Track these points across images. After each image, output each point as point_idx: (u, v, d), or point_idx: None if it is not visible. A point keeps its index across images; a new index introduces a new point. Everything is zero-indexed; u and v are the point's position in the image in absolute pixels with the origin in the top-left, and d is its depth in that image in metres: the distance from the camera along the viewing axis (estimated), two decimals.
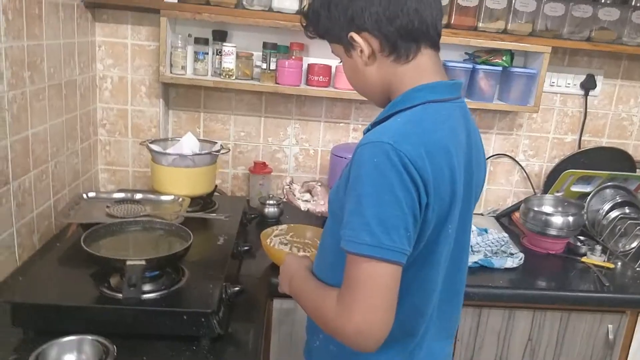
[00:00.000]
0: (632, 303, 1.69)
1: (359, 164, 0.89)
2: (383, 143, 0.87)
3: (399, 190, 0.86)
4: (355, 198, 0.88)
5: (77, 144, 1.83)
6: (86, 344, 1.07)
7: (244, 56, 1.96)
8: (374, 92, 1.05)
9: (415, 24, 0.96)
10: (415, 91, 0.98)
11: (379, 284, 0.88)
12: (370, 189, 0.87)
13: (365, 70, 1.01)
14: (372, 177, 0.87)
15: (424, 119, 0.95)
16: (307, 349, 1.20)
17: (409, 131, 0.91)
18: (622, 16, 1.98)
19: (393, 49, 0.98)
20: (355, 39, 0.97)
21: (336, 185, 1.02)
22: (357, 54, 1.00)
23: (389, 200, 0.86)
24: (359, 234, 0.87)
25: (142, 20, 1.96)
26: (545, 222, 1.87)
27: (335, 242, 0.96)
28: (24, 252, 1.49)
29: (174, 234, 1.36)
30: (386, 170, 0.86)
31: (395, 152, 0.86)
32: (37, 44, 1.50)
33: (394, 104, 0.99)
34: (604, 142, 2.28)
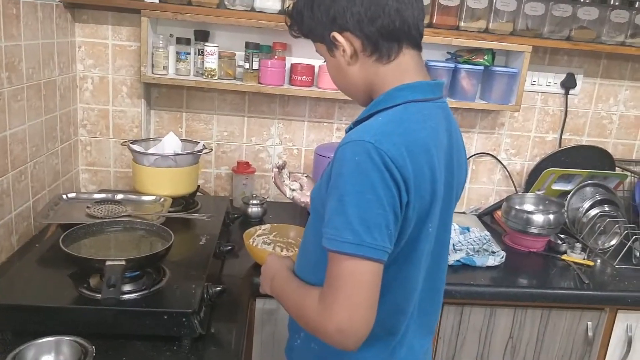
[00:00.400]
0: (611, 300, 1.71)
1: (340, 163, 0.90)
2: (364, 142, 0.88)
3: (380, 188, 0.87)
4: (337, 197, 0.89)
5: (57, 145, 1.82)
6: (64, 344, 1.06)
7: (226, 56, 1.96)
8: (357, 91, 1.06)
9: (397, 24, 0.97)
10: (397, 90, 0.99)
11: (360, 281, 0.88)
12: (352, 188, 0.87)
13: (347, 70, 1.02)
14: (354, 176, 0.88)
15: (405, 119, 0.95)
16: (289, 347, 1.20)
17: (390, 130, 0.92)
18: (601, 15, 2.01)
19: (375, 49, 0.98)
20: (338, 39, 0.98)
21: (318, 183, 1.03)
22: (339, 54, 1.01)
23: (370, 199, 0.87)
24: (342, 233, 0.87)
25: (123, 20, 1.95)
26: (527, 221, 1.88)
27: (317, 240, 0.96)
28: (2, 253, 1.47)
29: (155, 234, 1.36)
30: (368, 169, 0.87)
31: (377, 150, 0.87)
32: (15, 45, 1.48)
33: (376, 103, 1.00)
34: (584, 140, 2.30)
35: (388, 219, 0.88)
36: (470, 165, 2.28)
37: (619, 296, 1.70)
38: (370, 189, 0.87)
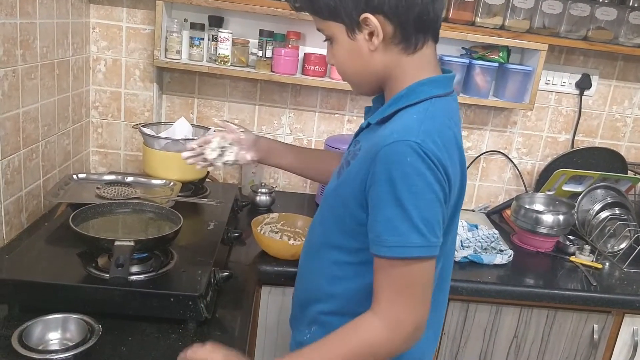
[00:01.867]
0: (618, 303, 1.69)
1: (388, 165, 0.88)
2: (411, 142, 0.87)
3: (436, 186, 0.88)
4: (394, 202, 0.87)
5: (69, 125, 1.82)
6: (71, 322, 1.06)
7: (239, 43, 1.95)
8: (369, 80, 1.03)
9: (431, 14, 0.95)
10: (420, 85, 0.97)
11: (427, 280, 0.92)
12: (410, 189, 0.87)
13: (367, 56, 0.97)
14: (410, 178, 0.87)
15: (437, 115, 0.95)
16: (296, 342, 1.18)
17: (429, 129, 0.90)
18: (620, 16, 1.98)
19: (404, 38, 0.95)
20: (370, 21, 0.93)
21: (336, 182, 1.03)
22: (362, 37, 0.96)
23: (430, 199, 0.88)
24: (408, 238, 0.87)
25: (138, 3, 1.94)
26: (536, 220, 1.87)
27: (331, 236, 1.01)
28: (11, 230, 1.47)
29: (164, 217, 1.36)
30: (422, 168, 0.87)
31: (424, 150, 0.87)
32: (30, 22, 1.48)
33: (398, 98, 0.97)
34: (597, 142, 2.28)
35: (443, 214, 0.92)
36: (480, 163, 2.27)
37: (626, 300, 1.68)
38: (428, 188, 0.88)
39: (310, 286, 1.13)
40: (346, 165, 1.02)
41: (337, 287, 1.06)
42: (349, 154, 1.05)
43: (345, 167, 1.02)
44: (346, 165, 1.02)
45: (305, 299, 1.15)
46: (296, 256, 1.55)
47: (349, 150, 1.06)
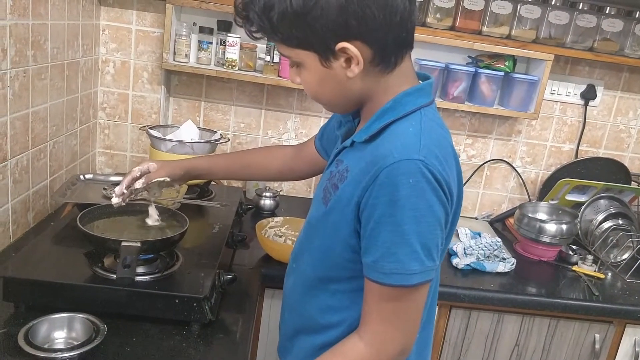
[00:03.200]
0: (619, 314, 1.69)
1: (390, 188, 0.83)
2: (414, 160, 0.82)
3: (437, 208, 0.84)
4: (394, 226, 0.83)
5: (77, 126, 1.83)
6: (77, 321, 1.07)
7: (247, 48, 1.96)
8: (344, 102, 0.96)
9: (409, 29, 0.88)
10: (405, 95, 0.91)
11: (419, 304, 0.90)
12: (411, 214, 0.82)
13: (345, 82, 0.90)
14: (411, 200, 0.82)
15: (431, 128, 0.90)
16: (284, 349, 1.16)
17: (428, 143, 0.86)
18: (626, 28, 2.00)
19: (383, 59, 0.88)
20: (349, 50, 0.85)
21: (328, 207, 0.95)
22: (339, 65, 0.88)
23: (430, 222, 0.84)
24: (407, 265, 0.84)
25: (148, 6, 1.96)
26: (539, 229, 1.88)
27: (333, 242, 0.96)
28: (18, 229, 1.49)
29: (170, 218, 1.37)
30: (424, 190, 0.82)
31: (428, 168, 0.82)
32: (42, 23, 1.50)
33: (383, 111, 0.91)
34: (601, 152, 2.29)
35: (442, 236, 0.88)
36: (484, 171, 2.27)
37: (628, 310, 1.68)
38: (429, 211, 0.83)
39: (302, 318, 1.07)
40: (333, 189, 0.94)
41: (334, 318, 1.01)
42: (333, 176, 0.96)
43: (333, 191, 0.94)
44: (333, 190, 0.94)
45: (296, 331, 1.10)
46: None
47: (331, 172, 0.98)
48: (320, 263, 1.00)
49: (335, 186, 0.94)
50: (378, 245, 0.85)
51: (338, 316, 1.00)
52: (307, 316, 1.05)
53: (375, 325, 0.90)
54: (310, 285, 1.03)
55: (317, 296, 1.02)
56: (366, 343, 0.90)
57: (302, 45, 0.87)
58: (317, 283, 1.02)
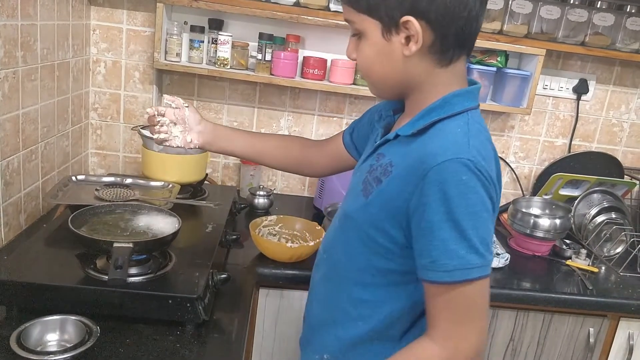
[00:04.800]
0: (613, 307, 1.70)
1: (443, 185, 0.84)
2: (464, 159, 0.84)
3: (488, 203, 0.87)
4: (451, 223, 0.84)
5: (68, 127, 1.82)
6: (69, 323, 1.07)
7: (239, 46, 1.96)
8: (393, 85, 0.97)
9: (472, 29, 0.91)
10: (454, 96, 0.93)
11: (486, 299, 0.90)
12: (466, 210, 0.84)
13: (399, 61, 0.92)
14: (467, 197, 0.84)
15: (477, 130, 0.92)
16: (304, 340, 1.18)
17: (476, 144, 0.88)
18: (617, 22, 2.00)
19: (442, 49, 0.90)
20: (412, 26, 0.87)
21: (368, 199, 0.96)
22: (399, 40, 0.90)
23: (485, 217, 0.86)
24: (468, 260, 0.85)
25: (138, 5, 1.95)
26: (533, 224, 1.88)
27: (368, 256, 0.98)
28: (10, 231, 1.48)
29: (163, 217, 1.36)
30: (477, 187, 0.85)
31: (477, 167, 0.85)
32: (31, 24, 1.49)
33: (431, 109, 0.93)
34: (593, 147, 2.29)
35: (493, 230, 0.91)
36: None
37: (622, 304, 1.69)
38: (482, 207, 0.86)
39: (331, 310, 1.08)
40: (375, 182, 0.95)
41: (366, 311, 1.01)
42: (375, 169, 0.97)
43: (375, 184, 0.95)
44: (376, 183, 0.95)
45: (321, 322, 1.11)
46: (294, 258, 1.56)
47: (371, 165, 0.99)
48: (356, 251, 1.00)
49: (377, 180, 0.95)
50: (435, 244, 0.86)
51: (371, 310, 1.01)
52: (339, 308, 1.05)
53: (445, 326, 0.90)
54: (344, 276, 1.04)
55: (350, 288, 1.03)
56: (438, 344, 0.90)
57: (370, 11, 0.90)
58: (351, 274, 1.02)
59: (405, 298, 0.99)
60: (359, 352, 1.04)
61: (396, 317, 1.00)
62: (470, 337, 0.89)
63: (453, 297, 0.87)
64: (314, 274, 1.16)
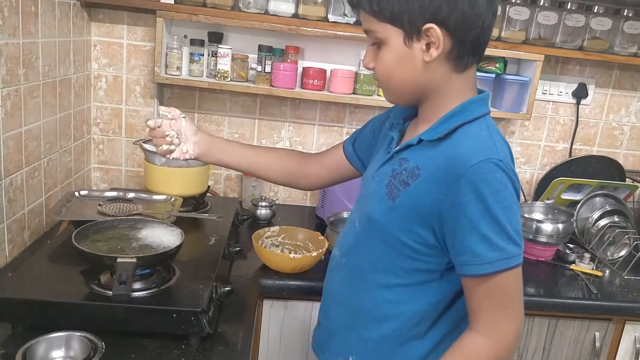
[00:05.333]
0: (618, 311, 1.70)
1: (478, 184, 0.90)
2: (496, 160, 0.91)
3: (517, 200, 0.95)
4: (490, 219, 0.90)
5: (71, 142, 1.83)
6: (74, 340, 1.07)
7: (239, 58, 1.97)
8: (412, 90, 1.01)
9: (486, 38, 0.97)
10: (472, 103, 0.99)
11: (520, 285, 0.96)
12: (501, 205, 0.90)
13: (419, 66, 0.97)
14: (501, 194, 0.91)
15: (498, 133, 0.99)
16: (322, 346, 1.19)
17: (500, 147, 0.96)
18: (614, 26, 2.01)
19: (458, 56, 0.96)
20: (433, 33, 0.93)
21: (396, 202, 1.00)
22: (420, 47, 0.95)
23: (516, 210, 0.93)
24: (508, 250, 0.91)
25: (138, 20, 1.97)
26: (536, 229, 1.88)
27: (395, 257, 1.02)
28: (14, 248, 1.49)
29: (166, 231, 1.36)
30: (507, 184, 0.92)
31: (506, 166, 0.92)
32: (33, 42, 1.50)
33: (452, 115, 0.99)
34: (594, 150, 2.30)
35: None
36: None
37: (627, 307, 1.69)
38: (514, 202, 0.93)
39: (352, 312, 1.11)
40: (402, 186, 0.99)
41: (391, 311, 1.05)
42: (399, 173, 1.01)
43: (402, 187, 0.99)
44: (403, 186, 0.99)
45: (342, 325, 1.13)
46: (297, 269, 1.56)
47: (394, 169, 1.03)
48: (381, 253, 1.04)
49: (404, 183, 0.99)
50: (476, 240, 0.91)
51: (395, 309, 1.05)
52: (362, 310, 1.09)
53: (489, 316, 0.95)
54: (367, 279, 1.07)
55: (373, 290, 1.06)
56: (485, 335, 0.95)
57: (393, 20, 0.95)
58: (375, 276, 1.06)
59: (429, 296, 1.03)
60: (384, 352, 1.07)
61: (420, 316, 1.04)
62: (512, 322, 0.95)
63: (493, 287, 0.93)
64: (328, 281, 1.19)
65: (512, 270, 0.92)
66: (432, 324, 1.04)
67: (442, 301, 1.03)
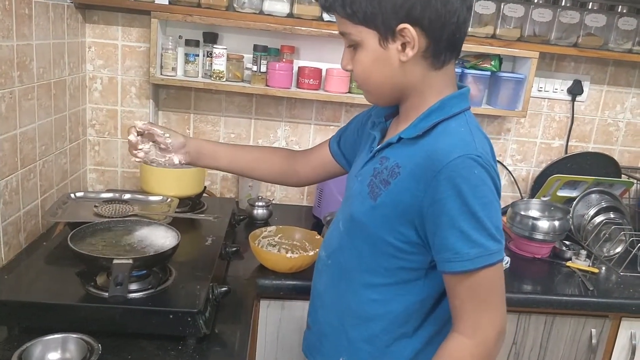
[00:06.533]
0: (615, 307, 1.70)
1: (456, 180, 0.90)
2: (474, 156, 0.91)
3: (496, 194, 0.94)
4: (468, 215, 0.90)
5: (66, 144, 1.83)
6: (70, 342, 1.07)
7: (234, 58, 1.97)
8: (390, 90, 1.01)
9: (461, 34, 0.97)
10: (451, 98, 0.99)
11: (502, 281, 0.96)
12: (481, 201, 0.90)
13: (396, 67, 0.97)
14: (480, 190, 0.90)
15: (477, 128, 0.99)
16: (312, 349, 1.19)
17: (480, 142, 0.95)
18: (609, 22, 2.01)
19: (435, 53, 0.96)
20: (409, 33, 0.92)
21: (377, 201, 1.00)
22: (395, 47, 0.95)
23: (495, 206, 0.93)
24: (488, 246, 0.91)
25: (133, 21, 1.97)
26: (532, 227, 1.88)
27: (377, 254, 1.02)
28: (10, 251, 1.48)
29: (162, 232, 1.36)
30: (486, 179, 0.91)
31: (485, 163, 0.92)
32: (27, 44, 1.50)
33: (431, 111, 0.98)
34: (590, 147, 2.30)
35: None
36: None
37: (623, 304, 1.69)
38: (493, 197, 0.92)
39: (339, 314, 1.11)
40: (383, 185, 0.99)
41: (377, 310, 1.05)
42: (380, 172, 1.01)
43: (383, 187, 0.99)
44: (384, 185, 0.99)
45: (331, 328, 1.13)
46: (294, 269, 1.56)
47: (375, 169, 1.03)
48: (364, 253, 1.05)
49: (385, 182, 0.99)
50: (455, 236, 0.91)
51: (381, 309, 1.05)
52: (349, 311, 1.09)
53: (471, 315, 0.94)
54: (353, 279, 1.07)
55: (359, 290, 1.06)
56: (468, 335, 0.95)
57: (367, 22, 0.95)
58: (360, 276, 1.06)
59: (414, 295, 1.03)
60: (374, 352, 1.07)
61: (407, 314, 1.04)
62: (496, 320, 0.94)
63: (475, 284, 0.92)
64: (315, 283, 1.19)
65: (493, 267, 0.92)
66: (420, 323, 1.05)
67: (428, 299, 1.03)
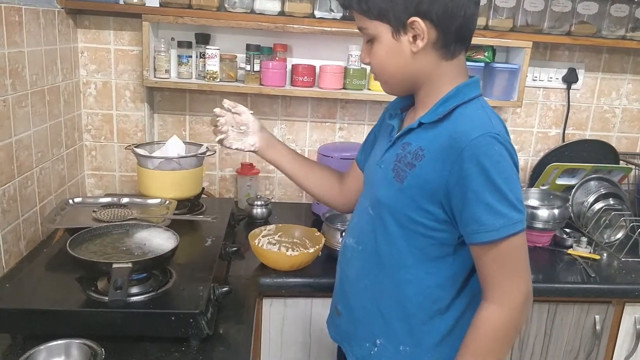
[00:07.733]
0: (617, 293, 1.70)
1: (479, 157, 0.96)
2: (492, 134, 0.98)
3: (515, 169, 1.01)
4: (492, 189, 0.96)
5: (63, 150, 1.83)
6: (74, 347, 1.07)
7: (227, 58, 1.97)
8: (405, 80, 1.09)
9: (470, 26, 1.04)
10: (465, 86, 1.06)
11: (526, 249, 1.03)
12: (502, 175, 0.97)
13: (408, 58, 1.04)
14: (501, 165, 0.97)
15: (492, 111, 1.06)
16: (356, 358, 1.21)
17: (496, 122, 1.02)
18: (601, 10, 2.01)
19: (445, 44, 1.03)
20: (419, 25, 1.00)
21: (404, 184, 1.06)
22: (407, 39, 1.03)
23: (515, 179, 1.00)
24: (511, 217, 0.97)
25: (125, 25, 1.96)
26: (532, 216, 1.88)
27: (411, 244, 1.08)
28: (10, 259, 1.48)
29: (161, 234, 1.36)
30: (506, 155, 0.98)
31: (504, 140, 0.99)
32: (18, 51, 1.49)
33: (448, 98, 1.05)
34: (587, 134, 2.30)
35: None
36: None
37: (625, 289, 1.69)
38: (513, 172, 0.99)
39: (375, 299, 1.15)
40: (409, 167, 1.05)
41: (410, 289, 1.10)
42: (404, 156, 1.07)
43: (409, 169, 1.05)
44: (409, 168, 1.05)
45: (367, 313, 1.17)
46: (295, 267, 1.56)
47: (398, 154, 1.09)
48: (397, 237, 1.09)
49: (410, 165, 1.06)
50: (481, 209, 0.97)
51: (415, 288, 1.10)
52: (384, 294, 1.13)
53: (499, 283, 1.01)
54: (387, 262, 1.12)
55: (394, 272, 1.11)
56: (498, 304, 1.01)
57: (381, 17, 1.03)
58: (393, 259, 1.11)
59: (445, 270, 1.09)
60: (410, 330, 1.12)
61: (439, 291, 1.10)
62: (522, 285, 1.01)
63: (501, 253, 0.99)
64: (344, 270, 1.23)
65: (517, 236, 0.98)
66: (451, 300, 1.10)
67: (458, 275, 1.09)
